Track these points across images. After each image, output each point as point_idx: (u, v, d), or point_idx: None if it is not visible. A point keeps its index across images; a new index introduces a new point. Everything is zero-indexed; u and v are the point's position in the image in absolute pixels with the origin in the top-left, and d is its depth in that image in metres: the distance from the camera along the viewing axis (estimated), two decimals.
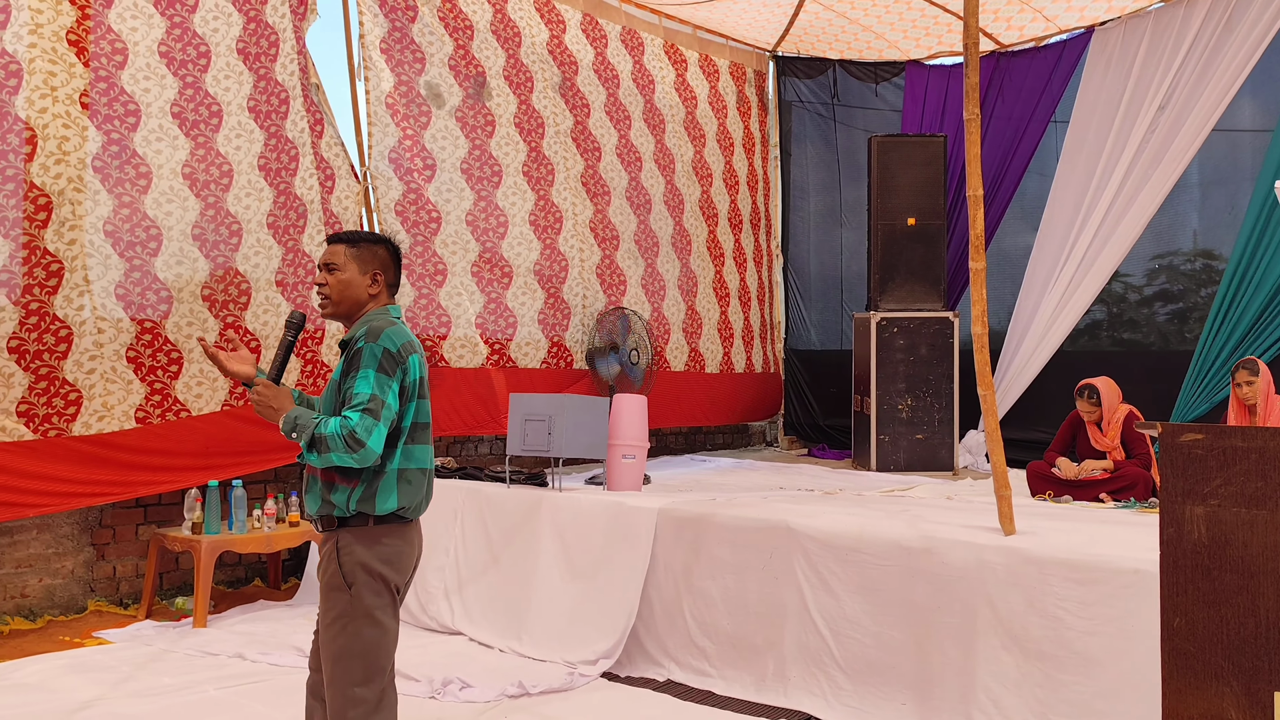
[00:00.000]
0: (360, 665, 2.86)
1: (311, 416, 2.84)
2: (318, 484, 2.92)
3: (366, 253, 3.02)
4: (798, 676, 4.37)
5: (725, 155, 9.42)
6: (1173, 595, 2.35)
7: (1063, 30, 8.79)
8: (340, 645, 2.86)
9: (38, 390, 5.20)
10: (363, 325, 2.94)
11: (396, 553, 2.93)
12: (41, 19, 5.27)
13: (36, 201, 5.22)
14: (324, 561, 2.93)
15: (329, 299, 2.99)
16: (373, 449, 2.79)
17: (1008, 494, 4.17)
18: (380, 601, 2.90)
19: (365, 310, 3.02)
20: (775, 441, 10.18)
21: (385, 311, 3.02)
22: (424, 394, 2.99)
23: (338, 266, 2.98)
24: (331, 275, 2.99)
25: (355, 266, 2.99)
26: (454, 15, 7.28)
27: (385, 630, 2.92)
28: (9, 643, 5.11)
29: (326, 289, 2.99)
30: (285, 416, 2.85)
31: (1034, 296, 8.60)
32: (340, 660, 2.86)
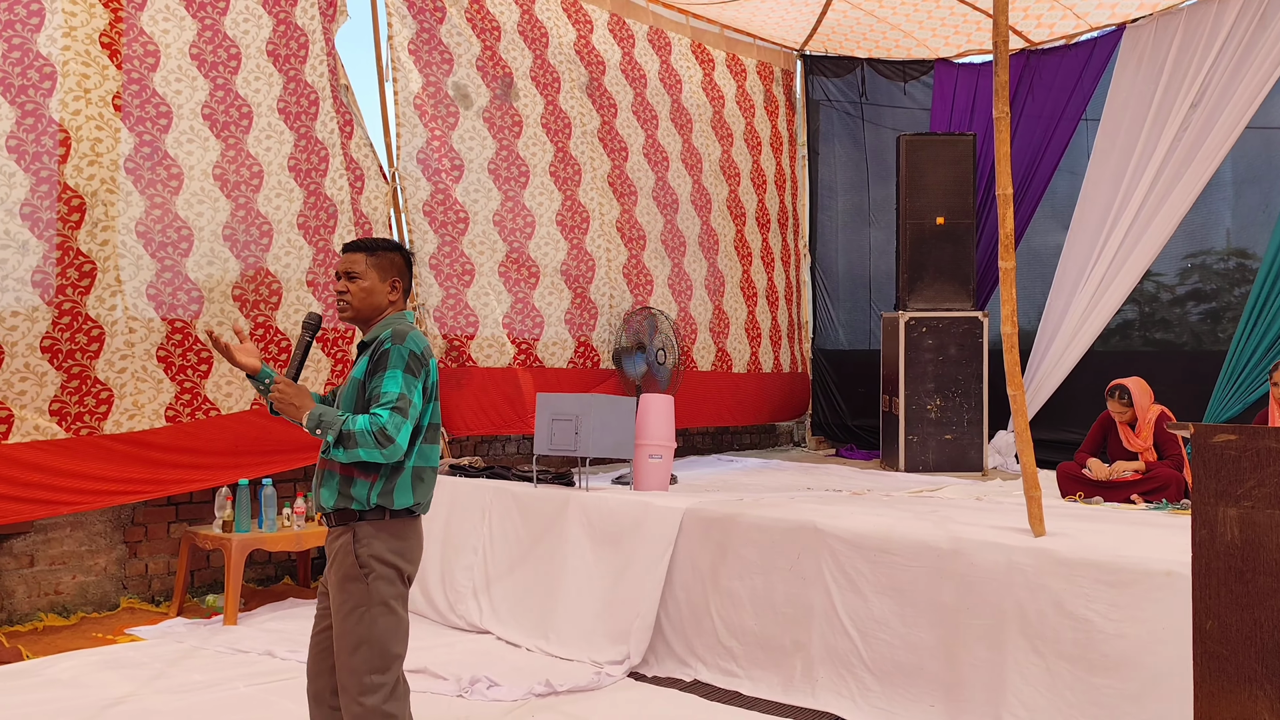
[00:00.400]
0: (377, 653, 2.94)
1: (337, 414, 2.92)
2: (335, 478, 3.01)
3: (385, 260, 3.13)
4: (825, 678, 4.36)
5: (753, 154, 9.40)
6: (1205, 598, 2.32)
7: (1093, 27, 8.72)
8: (359, 634, 2.94)
9: (70, 389, 5.26)
10: (385, 328, 3.05)
11: (410, 545, 3.06)
12: (75, 22, 5.33)
13: (70, 203, 5.28)
14: (338, 555, 3.01)
15: (350, 305, 3.09)
16: (400, 445, 2.89)
17: (1038, 495, 4.14)
18: (394, 591, 3.00)
19: (384, 315, 3.14)
20: (803, 442, 10.15)
21: (403, 316, 3.15)
22: (437, 396, 3.11)
23: (359, 274, 3.09)
24: (353, 283, 3.09)
25: (375, 274, 3.10)
26: (481, 16, 7.30)
27: (400, 620, 3.01)
28: (43, 639, 5.17)
29: (349, 296, 3.09)
30: (309, 413, 2.93)
31: (1064, 296, 8.53)
32: (358, 649, 2.93)
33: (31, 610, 5.45)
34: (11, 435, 5.05)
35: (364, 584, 2.96)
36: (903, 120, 9.73)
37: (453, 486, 5.86)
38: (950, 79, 9.60)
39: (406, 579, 3.05)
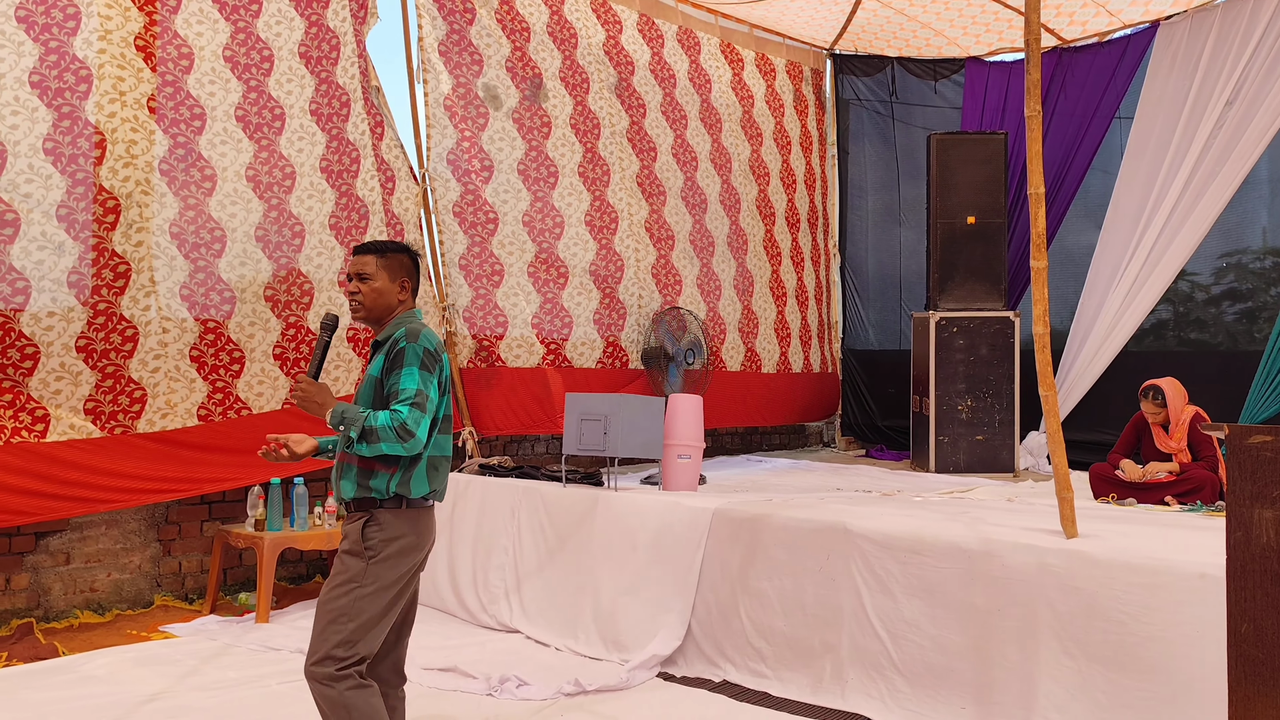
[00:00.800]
0: (350, 631, 3.04)
1: (359, 410, 3.04)
2: (354, 471, 3.13)
3: (394, 261, 3.25)
4: (855, 679, 4.34)
5: (782, 154, 9.38)
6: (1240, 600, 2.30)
7: (1127, 25, 8.64)
8: (342, 606, 3.05)
9: (104, 388, 5.32)
10: (399, 327, 3.17)
11: (423, 531, 3.18)
12: (110, 25, 5.39)
13: (105, 204, 5.34)
14: (349, 534, 3.13)
15: (362, 305, 3.22)
16: (420, 438, 3.03)
17: (1070, 496, 4.11)
18: (394, 575, 3.10)
19: (395, 314, 3.26)
20: (832, 442, 10.12)
21: (413, 315, 3.27)
22: (449, 390, 3.23)
23: (370, 275, 3.21)
24: (365, 284, 3.21)
25: (386, 275, 3.23)
26: (511, 17, 7.33)
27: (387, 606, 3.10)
28: (79, 636, 5.24)
29: (360, 296, 3.21)
30: (332, 410, 3.05)
31: (1097, 296, 8.46)
32: (337, 620, 3.04)
33: (68, 607, 5.52)
34: (49, 434, 5.12)
35: (364, 562, 3.08)
36: (933, 119, 9.68)
37: (482, 486, 5.89)
38: (981, 77, 9.54)
39: (414, 567, 3.16)
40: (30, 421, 5.07)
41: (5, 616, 5.31)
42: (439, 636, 5.29)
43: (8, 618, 5.31)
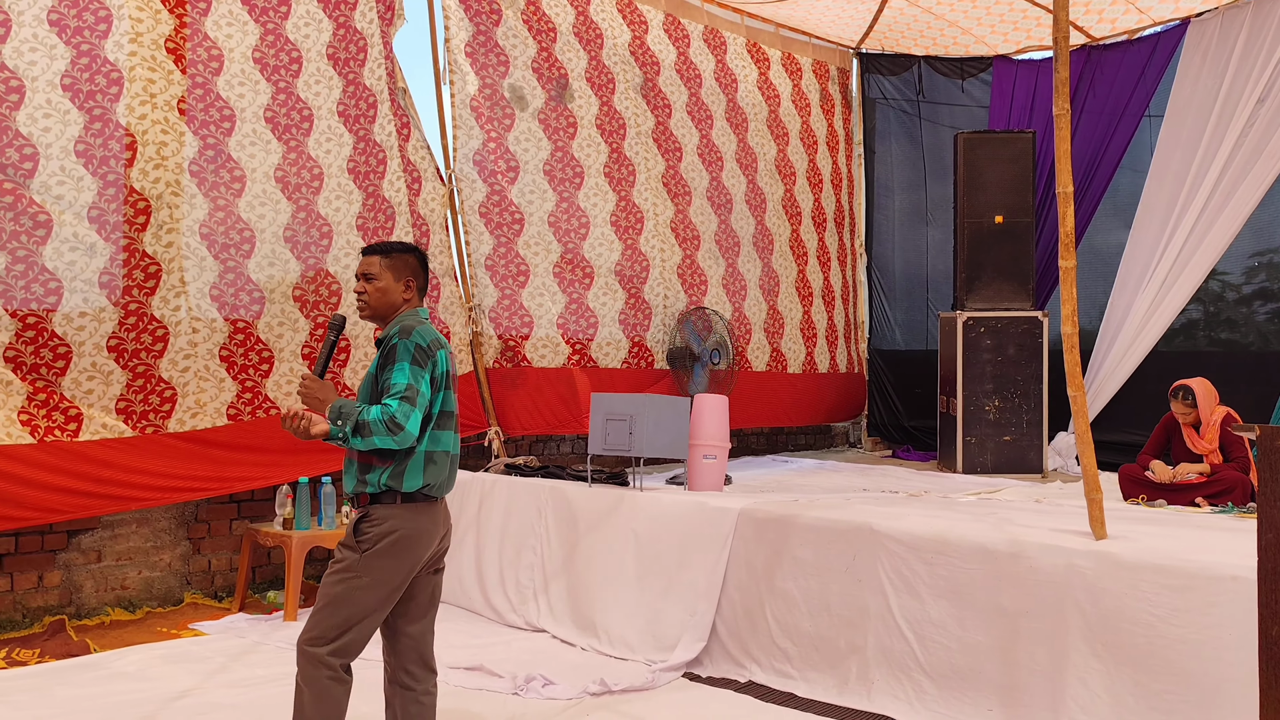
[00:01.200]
0: (344, 616, 3.13)
1: (355, 406, 3.14)
2: (354, 465, 3.23)
3: (399, 261, 3.33)
4: (881, 680, 4.33)
5: (809, 153, 9.36)
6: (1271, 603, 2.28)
7: (1156, 22, 8.57)
8: (336, 593, 3.14)
9: (135, 388, 5.37)
10: (396, 325, 3.25)
11: (419, 528, 3.20)
12: (141, 28, 5.44)
13: (136, 205, 5.39)
14: (349, 528, 3.22)
15: (368, 304, 3.31)
16: (410, 432, 3.09)
17: (1099, 497, 4.08)
18: (389, 568, 3.15)
19: (399, 312, 3.34)
20: (859, 443, 10.08)
21: (415, 313, 3.34)
22: (449, 386, 3.29)
23: (375, 276, 3.30)
24: (370, 284, 3.30)
25: (390, 275, 3.31)
26: (537, 18, 7.35)
27: (381, 599, 3.16)
28: (110, 633, 5.29)
29: (366, 296, 3.30)
30: (331, 406, 3.16)
31: (1127, 295, 8.39)
32: (330, 605, 3.14)
33: (99, 604, 5.58)
34: (81, 433, 5.17)
35: (357, 554, 3.15)
36: (960, 118, 9.63)
37: (508, 486, 5.91)
38: (1009, 76, 9.49)
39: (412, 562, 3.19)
40: (63, 421, 5.12)
41: (38, 613, 5.37)
42: (465, 635, 5.31)
43: (41, 615, 5.38)
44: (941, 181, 9.59)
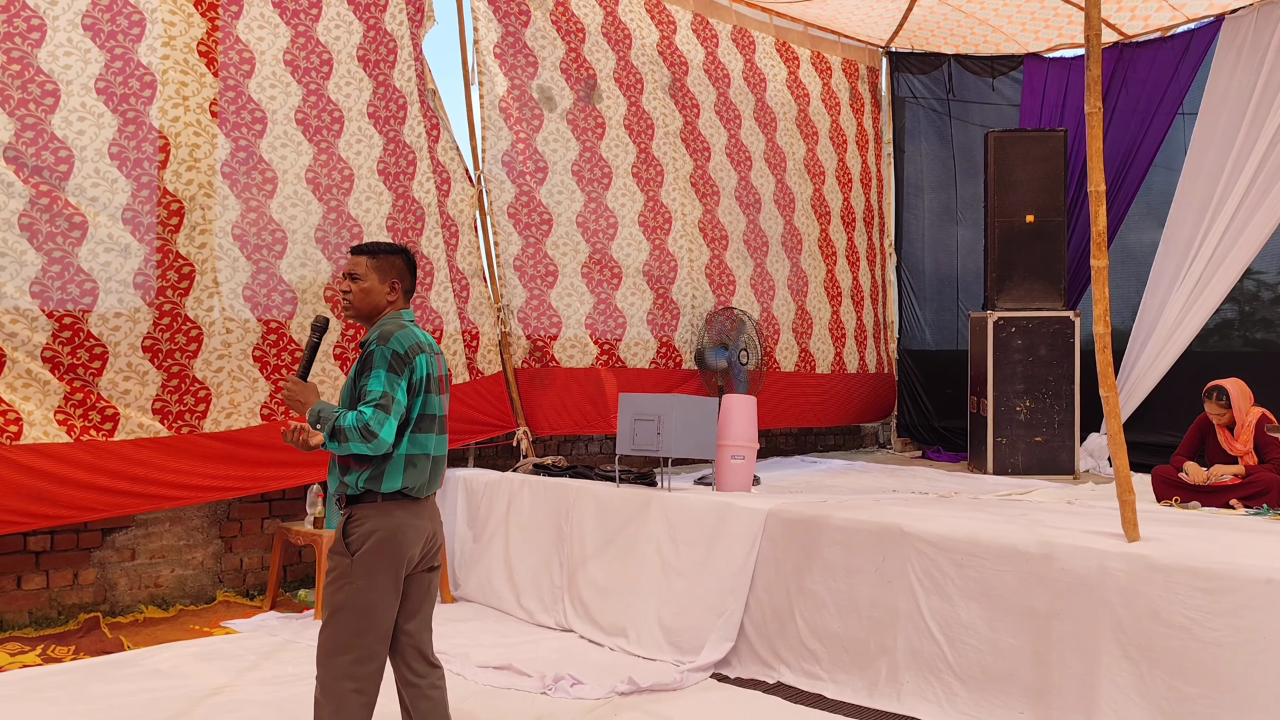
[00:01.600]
0: (354, 620, 3.15)
1: (334, 410, 3.18)
2: (337, 467, 3.27)
3: (385, 263, 3.34)
4: (911, 682, 4.30)
5: (838, 152, 9.32)
6: None
7: (1190, 19, 8.47)
8: (338, 601, 3.16)
9: (170, 388, 5.43)
10: (376, 330, 3.28)
11: (401, 524, 3.22)
12: (174, 31, 5.49)
13: (169, 207, 5.45)
14: (336, 532, 3.25)
15: (351, 304, 3.32)
16: (385, 439, 3.12)
17: (1131, 499, 4.04)
18: (381, 566, 3.18)
19: (384, 314, 3.36)
20: (888, 443, 10.03)
21: (399, 316, 3.35)
22: (431, 389, 3.29)
23: (360, 276, 3.31)
24: (355, 284, 3.31)
25: (376, 276, 3.32)
26: (566, 19, 7.36)
27: (382, 595, 3.19)
28: (143, 630, 5.34)
29: (350, 296, 3.31)
30: (310, 409, 3.21)
31: (1160, 295, 8.31)
32: (336, 615, 3.16)
33: (133, 602, 5.64)
34: (117, 433, 5.23)
35: (348, 558, 3.17)
36: (991, 116, 9.57)
37: (537, 486, 5.92)
38: (1040, 74, 9.41)
39: (400, 558, 3.22)
40: (99, 420, 5.18)
41: (73, 610, 5.44)
42: (494, 634, 5.33)
43: (75, 612, 5.44)
44: (971, 180, 9.53)
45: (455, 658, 4.84)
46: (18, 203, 4.97)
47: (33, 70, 5.06)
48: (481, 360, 6.79)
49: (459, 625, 5.49)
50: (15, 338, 4.94)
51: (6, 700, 4.24)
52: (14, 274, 4.96)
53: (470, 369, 6.70)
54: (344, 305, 3.35)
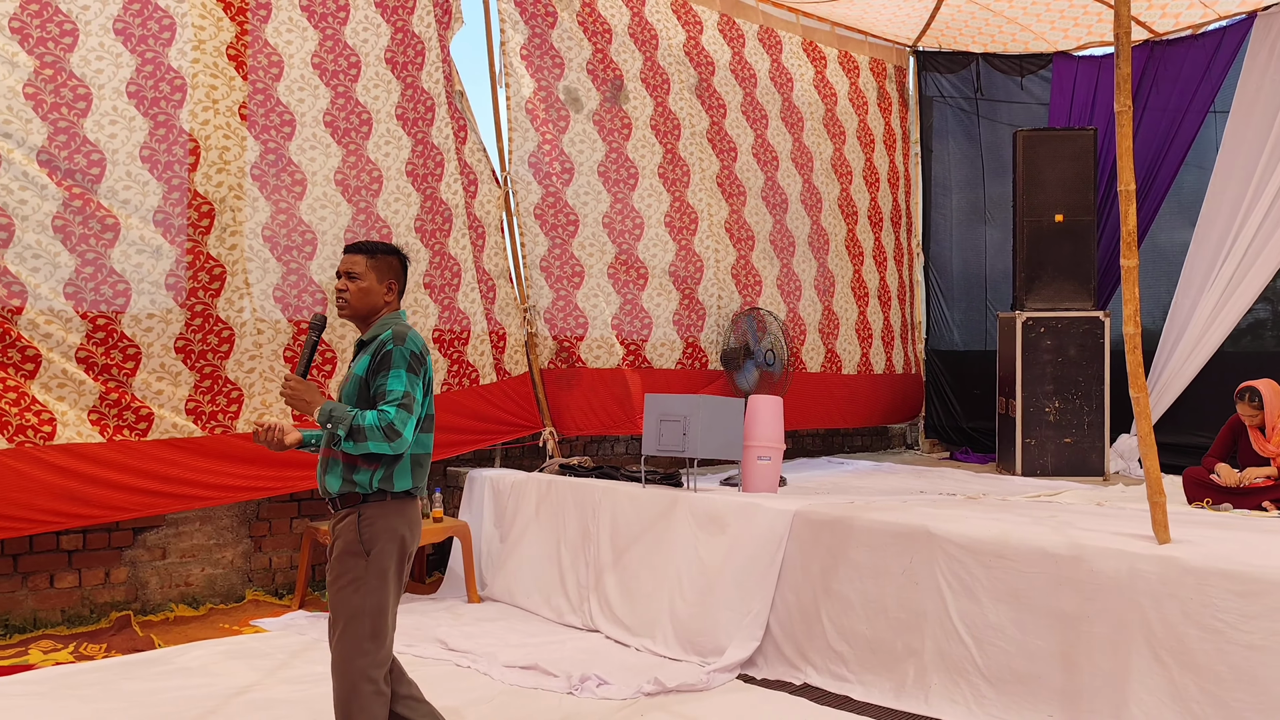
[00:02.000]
0: (371, 622, 3.15)
1: (346, 409, 3.14)
2: (339, 466, 3.23)
3: (383, 263, 3.34)
4: (939, 684, 4.28)
5: (865, 152, 9.29)
6: None
7: (1222, 16, 8.39)
8: (355, 604, 3.15)
9: (203, 389, 5.48)
10: (384, 328, 3.27)
11: (411, 522, 3.28)
12: (204, 35, 5.54)
13: (200, 209, 5.50)
14: (343, 533, 3.22)
15: (349, 303, 3.31)
16: (406, 438, 3.15)
17: (1162, 501, 4.00)
18: (393, 565, 3.22)
19: (380, 314, 3.36)
20: (916, 444, 9.99)
21: (398, 316, 3.37)
22: (429, 391, 3.34)
23: (358, 275, 3.30)
24: (353, 283, 3.30)
25: (374, 276, 3.32)
26: (592, 20, 7.37)
27: (392, 592, 3.23)
28: (174, 629, 5.39)
29: (347, 295, 3.30)
30: (320, 409, 3.17)
31: (1191, 294, 8.23)
32: (356, 618, 3.14)
33: (163, 601, 5.69)
34: (150, 433, 5.28)
35: (364, 559, 3.16)
36: (1019, 115, 9.51)
37: (563, 486, 5.93)
38: (1070, 72, 9.34)
39: (408, 555, 3.28)
40: (134, 420, 5.23)
41: (105, 609, 5.50)
42: (520, 634, 5.34)
43: (107, 610, 5.50)
44: (1000, 180, 9.47)
45: (482, 657, 4.86)
46: (51, 205, 5.04)
47: (65, 74, 5.12)
48: (508, 361, 6.81)
49: (486, 625, 5.50)
50: (50, 338, 5.00)
51: (41, 697, 4.29)
52: (48, 275, 5.03)
53: (497, 369, 6.72)
54: (339, 304, 3.32)
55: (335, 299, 3.35)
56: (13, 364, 4.92)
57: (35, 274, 4.98)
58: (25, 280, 4.95)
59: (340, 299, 3.31)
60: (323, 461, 3.28)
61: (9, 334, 4.90)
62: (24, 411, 4.91)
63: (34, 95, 5.02)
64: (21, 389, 4.91)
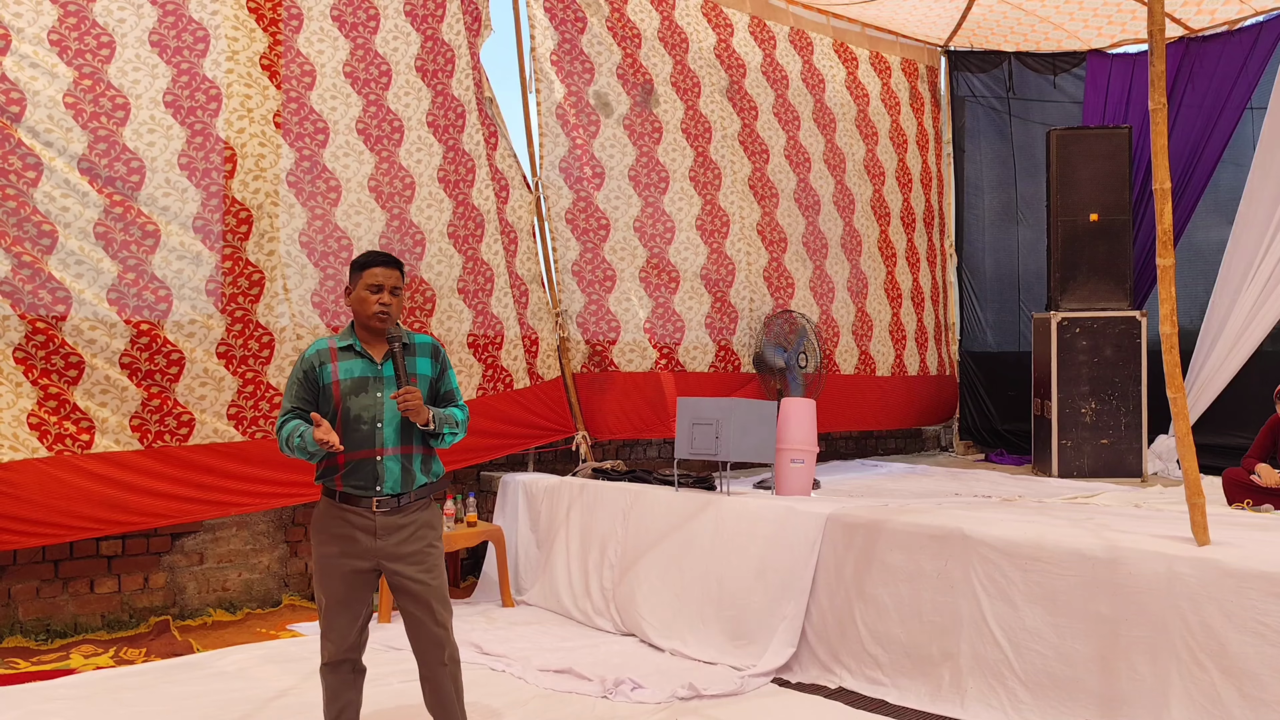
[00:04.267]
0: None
1: (443, 411, 3.49)
2: (421, 460, 3.50)
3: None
4: (975, 688, 4.25)
5: (898, 153, 9.25)
6: None
7: (1259, 11, 8.28)
8: (442, 581, 3.50)
9: (245, 394, 5.53)
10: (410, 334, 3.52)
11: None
12: (237, 46, 5.61)
13: (238, 215, 5.55)
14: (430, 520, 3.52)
15: (390, 316, 3.47)
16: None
17: (1201, 502, 3.96)
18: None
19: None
20: (950, 446, 9.92)
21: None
22: None
23: (400, 289, 3.52)
24: (394, 297, 3.49)
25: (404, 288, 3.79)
26: (622, 24, 7.38)
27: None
28: (212, 633, 5.45)
29: (390, 308, 3.46)
30: (434, 413, 3.45)
31: (1229, 293, 8.12)
32: (445, 598, 3.50)
33: (201, 605, 5.75)
34: (192, 438, 5.34)
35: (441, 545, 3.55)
36: (1052, 114, 9.44)
37: (595, 489, 5.94)
38: (1104, 70, 9.26)
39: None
40: (175, 426, 5.30)
41: (144, 614, 5.56)
42: (554, 638, 5.35)
43: (146, 615, 5.56)
44: (1033, 179, 9.40)
45: (516, 661, 4.88)
46: (93, 212, 5.11)
47: (104, 85, 5.19)
48: (541, 365, 6.83)
49: (520, 629, 5.52)
50: (94, 344, 5.07)
51: (82, 700, 4.35)
52: (91, 281, 5.09)
53: (530, 374, 6.74)
54: (382, 315, 3.45)
55: (371, 309, 3.45)
56: (56, 370, 4.98)
57: (79, 280, 5.05)
58: (70, 286, 5.02)
59: (384, 311, 3.44)
60: (397, 458, 3.44)
61: (54, 340, 4.97)
62: (64, 420, 4.98)
63: (74, 105, 5.09)
64: (64, 396, 4.99)
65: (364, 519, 3.40)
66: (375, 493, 3.40)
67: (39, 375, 4.93)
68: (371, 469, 3.41)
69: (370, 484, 3.40)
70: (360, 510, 3.40)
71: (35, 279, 4.94)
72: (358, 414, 3.42)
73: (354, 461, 3.41)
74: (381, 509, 3.41)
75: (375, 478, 3.41)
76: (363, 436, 3.40)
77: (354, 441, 3.40)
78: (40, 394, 4.93)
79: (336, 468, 3.44)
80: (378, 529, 3.40)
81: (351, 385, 3.44)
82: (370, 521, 3.40)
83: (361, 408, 3.42)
